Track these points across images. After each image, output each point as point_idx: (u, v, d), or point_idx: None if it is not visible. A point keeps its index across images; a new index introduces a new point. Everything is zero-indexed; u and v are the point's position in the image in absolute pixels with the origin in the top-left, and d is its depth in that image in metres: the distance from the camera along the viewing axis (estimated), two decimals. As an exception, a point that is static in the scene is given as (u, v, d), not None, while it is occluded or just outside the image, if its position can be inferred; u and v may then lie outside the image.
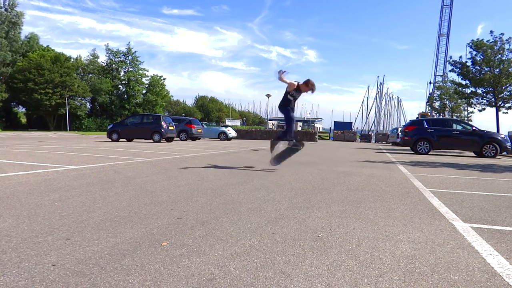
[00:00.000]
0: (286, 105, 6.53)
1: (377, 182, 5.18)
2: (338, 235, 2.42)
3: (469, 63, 23.28)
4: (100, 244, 2.06)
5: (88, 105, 46.01)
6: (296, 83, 6.46)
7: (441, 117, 34.61)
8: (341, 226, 2.66)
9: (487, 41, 22.29)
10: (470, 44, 23.01)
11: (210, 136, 26.84)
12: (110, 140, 17.72)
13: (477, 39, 22.87)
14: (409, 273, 1.79)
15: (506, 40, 21.78)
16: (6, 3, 38.44)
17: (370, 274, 1.77)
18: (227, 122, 62.17)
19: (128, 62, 48.17)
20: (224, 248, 2.06)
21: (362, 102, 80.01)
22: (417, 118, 30.12)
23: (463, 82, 24.54)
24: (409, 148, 15.19)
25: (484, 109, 24.32)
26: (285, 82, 6.47)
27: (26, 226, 2.38)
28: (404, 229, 2.64)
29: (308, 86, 6.39)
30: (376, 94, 73.92)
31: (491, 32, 22.22)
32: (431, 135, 13.86)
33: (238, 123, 76.43)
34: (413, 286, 1.64)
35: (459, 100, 32.35)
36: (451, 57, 25.75)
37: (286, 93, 6.56)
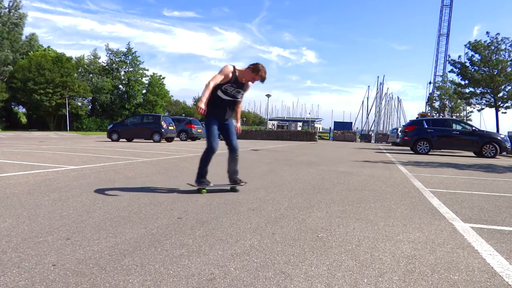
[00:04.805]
0: (214, 108, 3.80)
1: (377, 182, 5.18)
2: (338, 235, 2.42)
3: (467, 64, 23.31)
4: (100, 244, 2.06)
5: (89, 105, 46.06)
6: (231, 70, 3.80)
7: (441, 117, 34.61)
8: (341, 226, 2.66)
9: (484, 41, 22.33)
10: (467, 45, 23.05)
11: (210, 136, 26.77)
12: (110, 140, 17.71)
13: (475, 40, 22.93)
14: (409, 273, 1.79)
15: (501, 39, 21.83)
16: (10, 4, 38.60)
17: (370, 274, 1.77)
18: (227, 122, 61.96)
19: (128, 62, 48.21)
20: (224, 248, 2.06)
21: (362, 102, 79.88)
22: (417, 118, 30.13)
23: (463, 82, 24.57)
24: (409, 148, 15.18)
25: (483, 109, 24.36)
26: (213, 80, 3.68)
27: (26, 226, 2.38)
28: (404, 229, 2.64)
29: (255, 72, 3.77)
30: (376, 94, 73.83)
31: (487, 33, 22.29)
32: (431, 135, 13.85)
33: (238, 123, 76.21)
34: (413, 286, 1.64)
35: (458, 100, 32.36)
36: (449, 56, 25.75)
37: (217, 86, 3.76)
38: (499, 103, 23.00)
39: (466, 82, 24.00)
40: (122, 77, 48.08)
